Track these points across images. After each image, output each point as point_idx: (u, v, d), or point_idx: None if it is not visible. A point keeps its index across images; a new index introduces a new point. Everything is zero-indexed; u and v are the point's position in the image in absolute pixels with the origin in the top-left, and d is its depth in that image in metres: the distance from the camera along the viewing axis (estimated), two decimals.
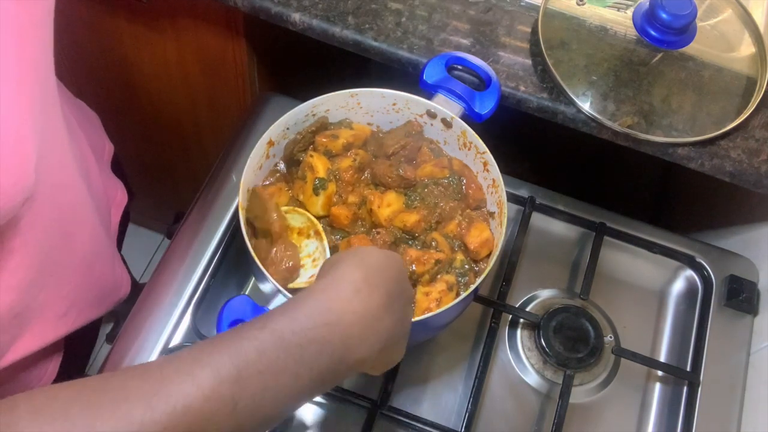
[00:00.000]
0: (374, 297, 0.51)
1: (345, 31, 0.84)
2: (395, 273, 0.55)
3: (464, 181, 0.78)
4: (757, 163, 0.82)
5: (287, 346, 0.45)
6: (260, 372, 0.43)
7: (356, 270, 0.52)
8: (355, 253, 0.55)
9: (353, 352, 0.49)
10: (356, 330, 0.49)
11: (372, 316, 0.50)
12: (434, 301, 0.71)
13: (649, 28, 0.84)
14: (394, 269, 0.55)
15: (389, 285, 0.53)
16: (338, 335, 0.48)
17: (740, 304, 0.88)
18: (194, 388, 0.41)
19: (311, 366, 0.46)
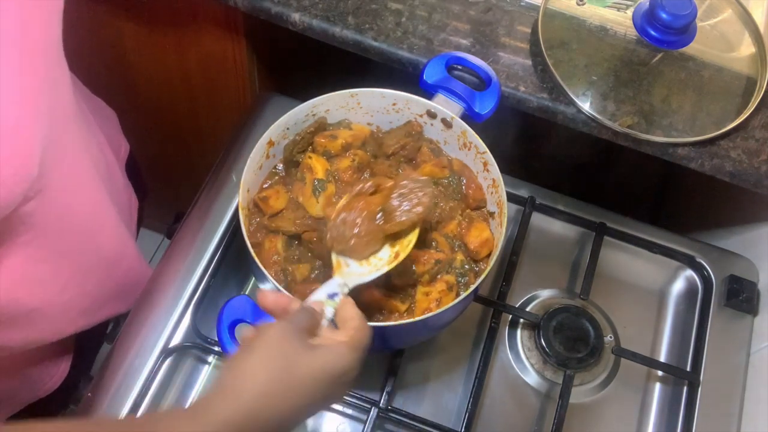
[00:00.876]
0: (282, 409, 0.52)
1: (345, 31, 0.84)
2: (324, 389, 0.55)
3: (464, 181, 0.78)
4: (757, 163, 0.82)
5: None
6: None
7: (268, 376, 0.52)
8: (285, 355, 0.53)
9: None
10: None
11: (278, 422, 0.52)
12: (434, 301, 0.71)
13: (649, 28, 0.84)
14: (327, 385, 0.55)
15: (303, 400, 0.54)
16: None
17: (740, 304, 0.88)
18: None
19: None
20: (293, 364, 0.53)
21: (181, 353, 0.80)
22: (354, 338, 0.57)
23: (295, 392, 0.52)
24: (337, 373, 0.55)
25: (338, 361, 0.55)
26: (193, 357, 0.81)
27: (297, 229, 0.73)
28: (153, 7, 0.99)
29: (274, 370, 0.52)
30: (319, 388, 0.54)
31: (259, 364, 0.52)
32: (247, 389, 0.51)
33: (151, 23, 1.02)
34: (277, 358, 0.53)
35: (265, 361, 0.52)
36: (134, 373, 0.77)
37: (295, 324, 0.56)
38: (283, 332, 0.54)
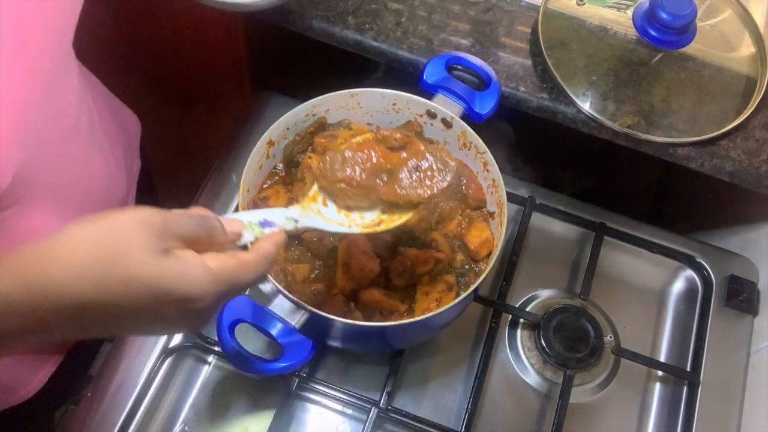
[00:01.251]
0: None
1: (345, 31, 0.84)
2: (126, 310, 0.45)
3: (464, 181, 0.78)
4: (757, 163, 0.82)
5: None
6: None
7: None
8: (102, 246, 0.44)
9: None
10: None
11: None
12: (434, 301, 0.71)
13: (649, 28, 0.84)
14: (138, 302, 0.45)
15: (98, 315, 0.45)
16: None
17: (740, 304, 0.88)
18: None
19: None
20: (129, 259, 0.43)
21: (181, 353, 0.80)
22: (226, 270, 0.47)
23: (117, 289, 0.43)
24: (178, 295, 0.45)
25: (185, 284, 0.45)
26: (193, 357, 0.81)
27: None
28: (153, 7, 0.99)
29: (100, 253, 0.43)
30: (147, 299, 0.44)
31: (89, 239, 0.43)
32: (60, 257, 0.43)
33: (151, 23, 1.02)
34: (112, 244, 0.43)
35: (97, 240, 0.43)
36: (134, 373, 0.77)
37: (166, 222, 0.46)
38: (142, 222, 0.44)
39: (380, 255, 0.73)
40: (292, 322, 0.64)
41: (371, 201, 0.60)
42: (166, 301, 0.45)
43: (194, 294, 0.45)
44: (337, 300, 0.71)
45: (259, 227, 0.52)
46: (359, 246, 0.71)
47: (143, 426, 0.76)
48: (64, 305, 0.42)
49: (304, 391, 0.79)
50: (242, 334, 0.65)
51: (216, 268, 0.46)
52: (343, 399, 0.78)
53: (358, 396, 0.78)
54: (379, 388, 0.79)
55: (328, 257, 0.73)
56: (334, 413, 0.80)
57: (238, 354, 0.64)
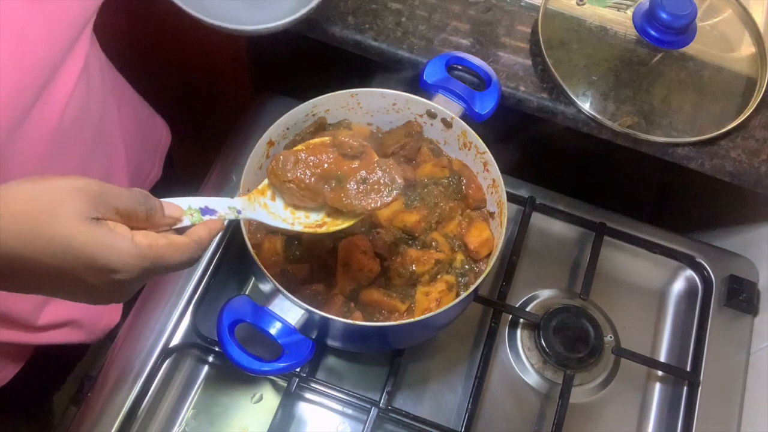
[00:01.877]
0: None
1: (345, 31, 0.84)
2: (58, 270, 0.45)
3: (464, 181, 0.78)
4: (757, 163, 0.82)
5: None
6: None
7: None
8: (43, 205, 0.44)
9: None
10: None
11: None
12: (434, 301, 0.71)
13: (649, 28, 0.84)
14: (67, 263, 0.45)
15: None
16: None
17: (740, 304, 0.88)
18: None
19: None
20: (58, 221, 0.44)
21: (181, 353, 0.80)
22: (153, 248, 0.47)
23: (44, 249, 0.44)
24: (100, 264, 0.45)
25: (108, 254, 0.45)
26: (193, 357, 0.81)
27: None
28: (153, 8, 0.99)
29: (35, 211, 0.44)
30: (72, 263, 0.45)
31: (25, 195, 0.44)
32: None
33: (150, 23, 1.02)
34: (48, 204, 0.44)
35: (35, 199, 0.44)
36: (134, 373, 0.77)
37: (103, 192, 0.46)
38: (79, 188, 0.45)
39: (380, 255, 0.73)
40: (292, 322, 0.64)
41: (318, 204, 0.62)
42: (89, 268, 0.45)
43: (115, 265, 0.46)
44: (337, 300, 0.71)
45: (199, 214, 0.52)
46: (359, 246, 0.71)
47: (143, 426, 0.76)
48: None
49: (304, 391, 0.79)
50: (242, 334, 0.65)
51: (143, 244, 0.47)
52: (343, 399, 0.78)
53: (358, 396, 0.78)
54: (379, 388, 0.79)
55: (327, 258, 0.73)
56: (334, 413, 0.80)
57: (238, 354, 0.64)
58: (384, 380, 0.79)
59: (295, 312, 0.64)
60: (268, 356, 0.65)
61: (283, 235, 0.74)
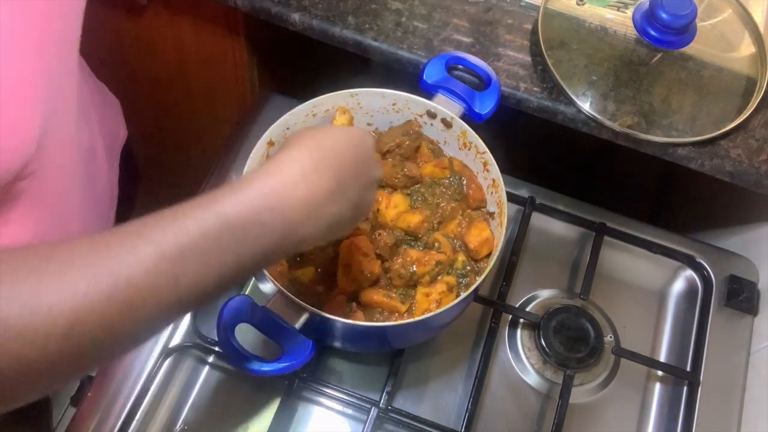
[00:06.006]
0: (322, 183, 0.51)
1: (345, 31, 0.84)
2: (353, 157, 0.54)
3: (465, 181, 0.78)
4: (757, 163, 0.82)
5: (230, 228, 0.45)
6: (202, 251, 0.44)
7: (308, 153, 0.51)
8: (313, 134, 0.54)
9: (295, 234, 0.50)
10: (298, 214, 0.49)
11: (317, 202, 0.50)
12: (434, 302, 0.71)
13: (649, 28, 0.84)
14: (353, 152, 0.55)
15: (342, 171, 0.53)
16: (279, 219, 0.48)
17: (740, 304, 0.88)
18: (137, 262, 0.42)
19: (253, 246, 0.47)
20: (323, 134, 0.54)
21: (181, 353, 0.80)
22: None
23: (331, 139, 0.53)
24: (356, 132, 0.57)
25: (355, 130, 0.57)
26: (193, 357, 0.81)
27: None
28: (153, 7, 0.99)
29: (309, 144, 0.52)
30: (349, 136, 0.55)
31: (296, 148, 0.52)
32: (286, 166, 0.50)
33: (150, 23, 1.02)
34: (309, 137, 0.53)
35: (301, 143, 0.52)
36: (134, 373, 0.77)
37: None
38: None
39: (381, 256, 0.73)
40: (292, 322, 0.64)
41: None
42: (359, 147, 0.55)
43: (364, 134, 0.58)
44: (338, 300, 0.71)
45: None
46: (360, 248, 0.71)
47: (143, 426, 0.76)
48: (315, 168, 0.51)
49: (304, 391, 0.79)
50: (242, 334, 0.65)
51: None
52: (343, 399, 0.78)
53: (358, 396, 0.78)
54: (379, 388, 0.79)
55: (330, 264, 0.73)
56: (334, 413, 0.80)
57: (238, 354, 0.64)
58: (384, 380, 0.79)
59: (295, 312, 0.64)
60: (268, 356, 0.65)
61: None
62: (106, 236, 0.43)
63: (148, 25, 1.03)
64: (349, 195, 0.53)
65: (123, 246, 0.42)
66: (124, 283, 0.41)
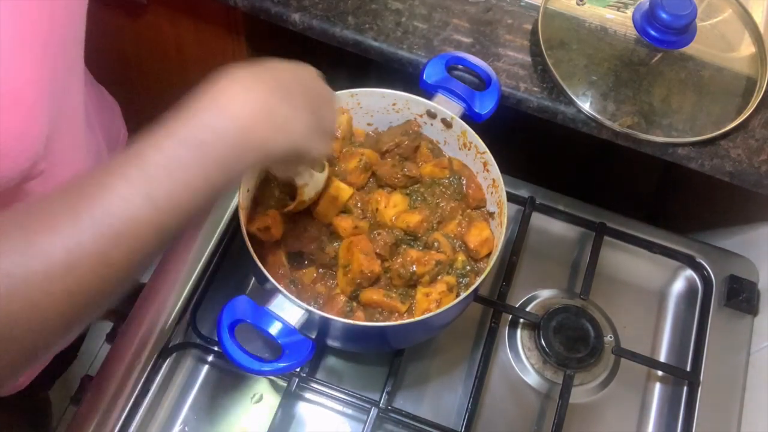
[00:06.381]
0: (265, 86, 0.53)
1: (345, 31, 0.84)
2: (294, 75, 0.58)
3: (464, 181, 0.78)
4: (757, 163, 0.82)
5: (188, 145, 0.48)
6: (169, 170, 0.47)
7: (244, 73, 0.53)
8: (243, 67, 0.55)
9: (252, 137, 0.52)
10: (248, 114, 0.51)
11: (264, 101, 0.52)
12: (434, 302, 0.71)
13: (649, 28, 0.84)
14: (294, 72, 0.58)
15: (284, 81, 0.56)
16: (230, 122, 0.50)
17: (740, 304, 0.88)
18: (112, 195, 0.45)
19: (213, 155, 0.49)
20: (273, 65, 0.57)
21: (181, 353, 0.80)
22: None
23: (270, 71, 0.55)
24: (308, 72, 0.60)
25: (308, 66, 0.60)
26: (193, 357, 0.81)
27: (302, 247, 0.73)
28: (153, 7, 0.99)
29: (242, 73, 0.53)
30: (297, 78, 0.58)
31: (229, 76, 0.53)
32: (225, 86, 0.51)
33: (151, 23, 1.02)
34: (239, 70, 0.54)
35: (234, 72, 0.53)
36: (134, 373, 0.77)
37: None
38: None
39: (381, 256, 0.73)
40: (292, 322, 0.64)
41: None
42: (309, 78, 0.59)
43: (313, 71, 0.60)
44: (338, 300, 0.71)
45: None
46: (360, 247, 0.71)
47: (143, 426, 0.76)
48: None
49: (304, 391, 0.79)
50: (242, 334, 0.65)
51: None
52: (343, 399, 0.78)
53: (358, 396, 0.78)
54: (379, 388, 0.79)
55: (330, 264, 0.73)
56: (334, 413, 0.80)
57: (238, 354, 0.64)
58: (384, 380, 0.79)
59: (295, 312, 0.64)
60: (268, 356, 0.65)
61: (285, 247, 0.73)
62: (82, 181, 0.47)
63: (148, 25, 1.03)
64: (297, 100, 0.55)
65: (98, 186, 0.46)
66: (107, 218, 0.45)
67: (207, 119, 0.49)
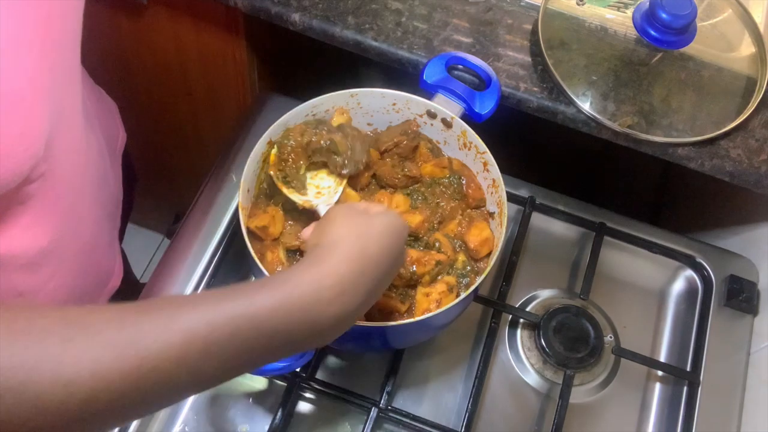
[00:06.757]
0: (357, 299, 0.51)
1: (345, 31, 0.84)
2: (389, 264, 0.54)
3: (464, 181, 0.78)
4: (757, 163, 0.82)
5: (258, 331, 0.46)
6: (228, 348, 0.45)
7: (349, 262, 0.50)
8: (359, 226, 0.54)
9: (319, 339, 0.51)
10: (327, 327, 0.50)
11: (347, 316, 0.50)
12: (434, 302, 0.71)
13: (649, 28, 0.84)
14: (391, 258, 0.54)
15: (378, 282, 0.53)
16: (309, 330, 0.49)
17: (740, 304, 0.88)
18: (164, 348, 0.42)
19: (275, 348, 0.49)
20: (368, 222, 0.54)
21: None
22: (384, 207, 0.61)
23: (376, 245, 0.52)
24: (398, 226, 0.56)
25: (393, 216, 0.57)
26: None
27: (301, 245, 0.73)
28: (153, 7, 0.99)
29: (354, 228, 0.53)
30: (392, 239, 0.54)
31: (341, 226, 0.53)
32: (327, 273, 0.49)
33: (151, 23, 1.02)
34: (354, 218, 0.54)
35: (346, 223, 0.54)
36: None
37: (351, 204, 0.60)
38: (346, 207, 0.58)
39: None
40: None
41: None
42: (398, 235, 0.56)
43: (402, 221, 0.57)
44: None
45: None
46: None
47: (143, 426, 0.76)
48: (368, 263, 0.51)
49: (304, 391, 0.79)
50: None
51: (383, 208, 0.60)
52: (343, 399, 0.78)
53: (358, 396, 0.78)
54: (379, 388, 0.79)
55: None
56: (334, 413, 0.80)
57: None
58: (384, 380, 0.79)
59: None
60: None
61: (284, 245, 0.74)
62: (137, 310, 0.44)
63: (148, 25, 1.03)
64: (379, 291, 0.55)
65: (153, 328, 0.43)
66: (148, 367, 0.42)
67: (289, 321, 0.47)
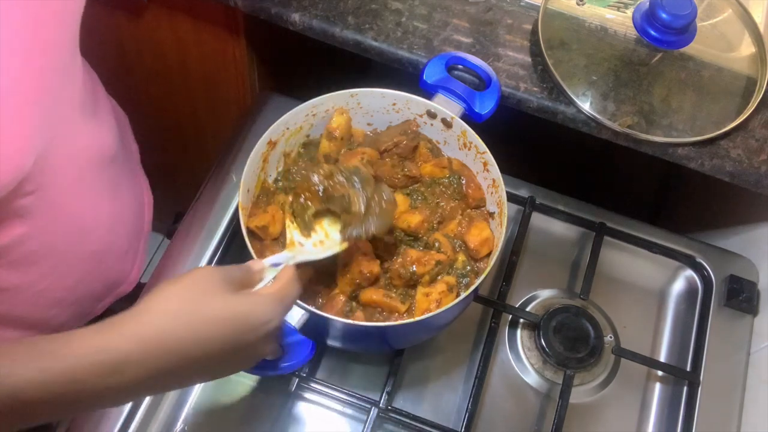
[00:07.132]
0: (139, 377, 0.51)
1: (345, 31, 0.84)
2: (215, 349, 0.53)
3: (464, 181, 0.78)
4: (757, 163, 0.82)
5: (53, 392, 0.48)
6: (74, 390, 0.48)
7: (143, 343, 0.51)
8: (185, 305, 0.53)
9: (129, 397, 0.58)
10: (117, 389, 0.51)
11: (132, 391, 0.52)
12: (434, 302, 0.71)
13: (649, 28, 0.84)
14: (227, 341, 0.53)
15: (184, 364, 0.52)
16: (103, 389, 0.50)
17: (740, 304, 0.88)
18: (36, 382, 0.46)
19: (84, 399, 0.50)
20: (209, 299, 0.53)
21: None
22: (280, 290, 0.57)
23: (206, 326, 0.52)
24: (254, 320, 0.54)
25: (256, 309, 0.55)
26: None
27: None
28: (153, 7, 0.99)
29: (187, 299, 0.52)
30: (231, 330, 0.53)
31: (175, 291, 0.52)
32: (158, 309, 0.51)
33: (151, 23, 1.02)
34: (194, 290, 0.53)
35: (182, 291, 0.53)
36: None
37: (225, 271, 0.56)
38: (209, 273, 0.55)
39: (380, 256, 0.73)
40: (292, 322, 0.64)
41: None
42: (247, 328, 0.54)
43: (266, 316, 0.55)
44: (338, 300, 0.71)
45: (273, 268, 0.62)
46: (359, 248, 0.71)
47: (143, 426, 0.76)
48: (169, 350, 0.50)
49: (304, 391, 0.79)
50: None
51: (273, 291, 0.57)
52: (343, 399, 0.78)
53: (358, 396, 0.78)
54: (379, 388, 0.79)
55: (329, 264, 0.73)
56: (334, 413, 0.80)
57: None
58: (384, 380, 0.79)
59: (295, 312, 0.64)
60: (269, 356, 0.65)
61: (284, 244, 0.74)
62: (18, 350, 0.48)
63: (148, 25, 1.03)
64: (220, 358, 0.55)
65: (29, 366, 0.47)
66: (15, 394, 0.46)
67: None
